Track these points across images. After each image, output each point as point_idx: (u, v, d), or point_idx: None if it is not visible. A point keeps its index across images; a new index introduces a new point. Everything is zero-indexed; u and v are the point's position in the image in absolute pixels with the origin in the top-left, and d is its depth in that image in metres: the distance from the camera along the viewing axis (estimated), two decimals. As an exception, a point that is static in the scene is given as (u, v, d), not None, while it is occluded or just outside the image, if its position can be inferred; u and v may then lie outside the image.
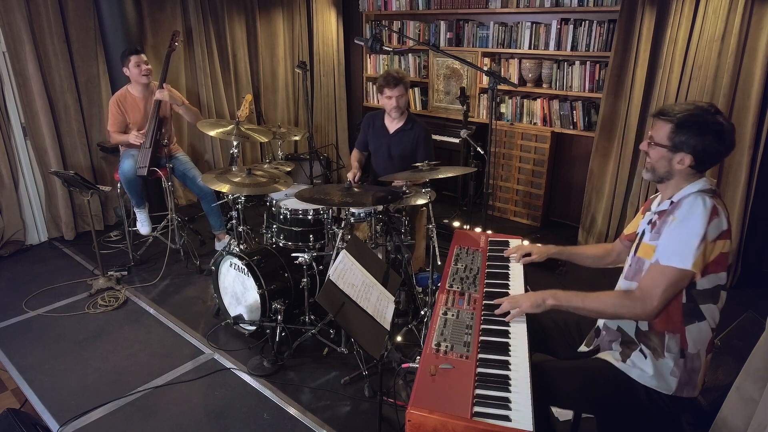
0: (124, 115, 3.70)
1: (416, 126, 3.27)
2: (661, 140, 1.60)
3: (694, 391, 1.62)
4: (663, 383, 1.61)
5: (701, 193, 1.54)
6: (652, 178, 1.67)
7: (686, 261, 1.49)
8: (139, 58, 3.64)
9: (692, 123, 1.54)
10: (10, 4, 3.72)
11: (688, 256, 1.48)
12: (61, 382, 2.65)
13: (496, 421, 1.31)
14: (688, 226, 1.50)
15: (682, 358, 1.59)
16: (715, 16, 3.25)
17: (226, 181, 2.91)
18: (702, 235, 1.48)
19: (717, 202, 1.52)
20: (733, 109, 3.34)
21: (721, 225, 1.50)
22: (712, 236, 1.49)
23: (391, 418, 2.37)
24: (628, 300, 1.57)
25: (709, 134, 1.53)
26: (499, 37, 4.55)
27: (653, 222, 1.66)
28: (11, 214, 4.00)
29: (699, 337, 1.58)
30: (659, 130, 1.61)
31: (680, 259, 1.50)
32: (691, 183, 1.60)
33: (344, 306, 1.80)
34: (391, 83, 3.14)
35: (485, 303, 1.83)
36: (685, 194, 1.58)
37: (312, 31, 5.62)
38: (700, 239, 1.48)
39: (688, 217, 1.51)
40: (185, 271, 3.78)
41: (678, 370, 1.59)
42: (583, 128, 4.27)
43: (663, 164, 1.62)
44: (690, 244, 1.49)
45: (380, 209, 2.88)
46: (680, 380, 1.60)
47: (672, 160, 1.59)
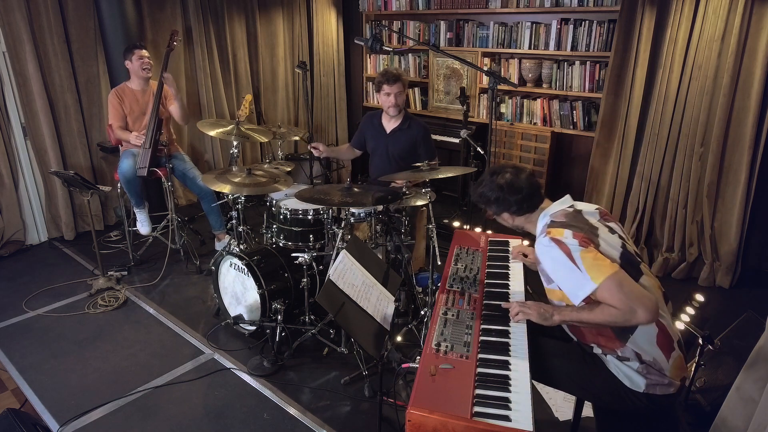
0: (122, 107, 3.72)
1: (414, 125, 3.27)
2: (489, 215, 1.90)
3: (669, 389, 1.62)
4: (631, 382, 1.64)
5: (539, 237, 1.70)
6: (518, 230, 1.92)
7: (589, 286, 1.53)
8: (142, 53, 3.69)
9: (480, 198, 1.84)
10: (10, 4, 3.72)
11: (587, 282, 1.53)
12: (61, 382, 2.65)
13: (496, 421, 1.31)
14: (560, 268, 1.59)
15: (642, 364, 1.61)
16: (715, 16, 3.25)
17: (226, 181, 2.91)
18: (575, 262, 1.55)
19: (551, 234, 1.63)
20: (733, 109, 3.34)
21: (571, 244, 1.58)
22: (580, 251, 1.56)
23: (391, 418, 2.37)
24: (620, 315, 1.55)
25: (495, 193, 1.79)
26: (499, 37, 4.54)
27: None
28: (11, 214, 4.00)
29: (644, 341, 1.60)
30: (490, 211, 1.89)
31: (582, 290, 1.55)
32: (536, 221, 1.80)
33: (344, 306, 1.80)
34: (390, 80, 3.14)
35: (485, 303, 1.83)
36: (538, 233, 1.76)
37: (312, 31, 5.62)
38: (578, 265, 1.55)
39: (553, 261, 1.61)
40: (185, 271, 3.78)
41: (643, 371, 1.61)
42: (583, 128, 4.27)
43: (504, 223, 1.90)
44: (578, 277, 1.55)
45: (380, 209, 2.88)
46: (648, 381, 1.61)
47: (505, 220, 1.86)
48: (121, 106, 3.72)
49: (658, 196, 3.75)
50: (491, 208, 1.84)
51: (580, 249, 1.56)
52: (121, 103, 3.72)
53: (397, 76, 3.14)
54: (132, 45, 3.73)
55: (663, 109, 3.58)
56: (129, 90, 3.76)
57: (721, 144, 3.41)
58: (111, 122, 3.75)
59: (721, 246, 3.54)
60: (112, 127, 3.76)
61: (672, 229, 3.71)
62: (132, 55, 3.67)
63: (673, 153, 3.62)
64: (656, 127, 3.63)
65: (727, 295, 3.47)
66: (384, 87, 3.16)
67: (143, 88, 3.79)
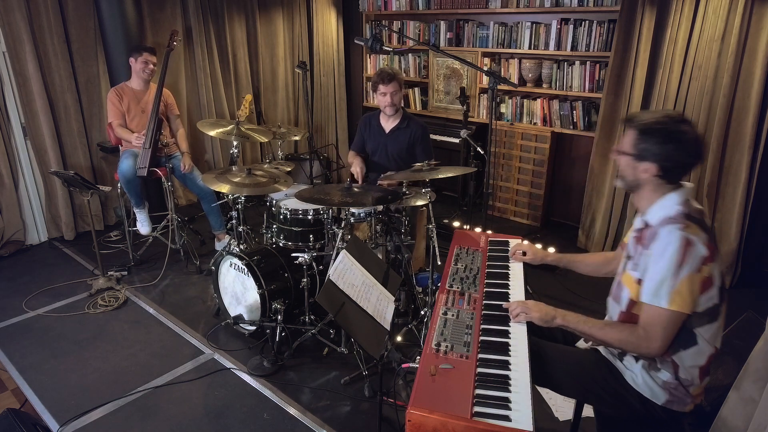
0: (121, 105, 3.73)
1: (412, 124, 3.27)
2: (627, 148, 1.59)
3: (684, 407, 1.61)
4: (651, 392, 1.60)
5: (672, 222, 1.49)
6: (623, 186, 1.66)
7: (662, 301, 1.46)
8: (151, 57, 3.72)
9: (655, 131, 1.52)
10: (10, 4, 3.72)
11: (663, 296, 1.46)
12: (61, 382, 2.65)
13: (496, 421, 1.31)
14: (663, 266, 1.46)
15: (676, 380, 1.58)
16: (715, 16, 3.25)
17: (226, 181, 2.91)
18: (678, 274, 1.45)
19: (689, 229, 1.47)
20: (733, 109, 3.34)
21: (698, 253, 1.45)
22: (691, 269, 1.45)
23: (391, 418, 2.36)
24: (634, 338, 1.54)
25: (671, 143, 1.50)
26: (499, 37, 4.55)
27: (634, 244, 1.64)
28: (11, 214, 4.00)
29: (691, 362, 1.56)
30: (625, 138, 1.60)
31: (657, 298, 1.48)
32: (663, 196, 1.57)
33: (344, 306, 1.80)
34: (385, 79, 3.14)
35: (485, 303, 1.83)
36: (658, 217, 1.55)
37: (312, 31, 5.62)
38: (676, 278, 1.45)
39: (663, 255, 1.47)
40: (185, 271, 3.78)
41: (669, 387, 1.59)
42: (583, 128, 4.27)
43: (630, 172, 1.61)
44: (665, 283, 1.46)
45: (380, 209, 2.88)
46: (669, 397, 1.59)
47: (637, 169, 1.57)
48: (119, 104, 3.73)
49: (658, 196, 3.75)
50: (644, 144, 1.53)
51: (693, 269, 1.44)
52: (120, 100, 3.73)
53: (393, 75, 3.14)
54: (142, 46, 3.76)
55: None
56: (128, 89, 3.77)
57: (721, 144, 3.41)
58: (110, 120, 3.76)
59: (721, 246, 3.54)
60: (112, 125, 3.76)
61: (672, 229, 3.70)
62: (139, 56, 3.69)
63: (673, 153, 3.61)
64: (656, 127, 3.63)
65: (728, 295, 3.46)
66: (380, 87, 3.16)
67: (143, 88, 3.79)
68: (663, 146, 1.51)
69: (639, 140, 1.55)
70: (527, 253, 2.09)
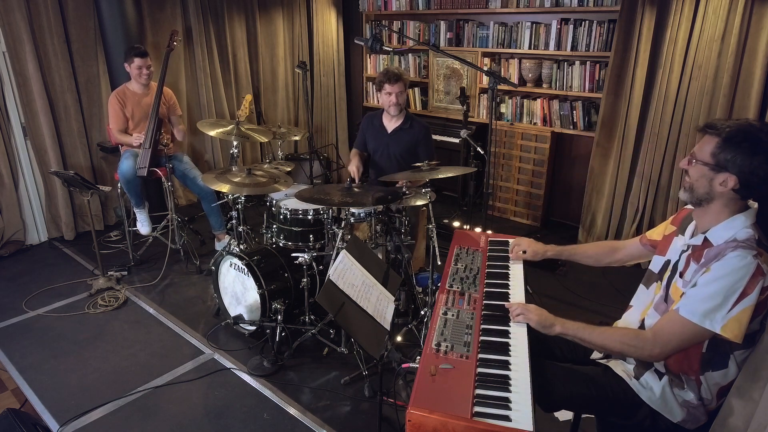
0: (124, 110, 3.71)
1: (415, 124, 3.27)
2: (704, 157, 1.44)
3: (697, 424, 1.58)
4: (668, 410, 1.57)
5: (744, 247, 1.37)
6: (690, 199, 1.51)
7: (714, 324, 1.37)
8: (143, 62, 3.66)
9: (742, 140, 1.37)
10: (10, 4, 3.72)
11: (718, 319, 1.37)
12: (61, 382, 2.65)
13: (496, 421, 1.31)
14: (725, 289, 1.35)
15: (699, 400, 1.54)
16: (715, 16, 3.25)
17: (226, 181, 2.91)
18: (741, 302, 1.35)
19: (762, 257, 1.36)
20: (733, 109, 3.34)
21: (762, 284, 1.35)
22: (755, 299, 1.35)
23: (391, 418, 2.36)
24: (638, 341, 1.50)
25: (760, 155, 1.36)
26: (499, 37, 4.54)
27: (687, 260, 1.54)
28: (11, 214, 4.00)
29: (714, 384, 1.52)
30: (703, 146, 1.45)
31: (707, 320, 1.38)
32: (731, 215, 1.45)
33: (344, 306, 1.80)
34: (391, 79, 3.15)
35: (485, 303, 1.83)
36: (724, 237, 1.44)
37: (312, 31, 5.62)
38: (738, 305, 1.35)
39: (726, 278, 1.36)
40: (185, 271, 3.78)
41: (689, 406, 1.55)
42: (583, 128, 4.27)
43: (703, 184, 1.45)
44: (723, 307, 1.36)
45: (380, 209, 2.88)
46: (686, 416, 1.56)
47: (714, 181, 1.43)
48: (122, 111, 3.71)
49: (658, 196, 3.75)
50: (727, 154, 1.39)
51: (756, 299, 1.35)
52: (123, 107, 3.71)
53: (399, 76, 3.15)
54: (134, 51, 3.67)
55: (663, 109, 3.59)
56: (130, 92, 3.76)
57: (721, 144, 3.40)
58: (111, 126, 3.76)
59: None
60: (111, 132, 3.77)
61: (672, 229, 3.70)
62: (131, 62, 3.66)
63: (673, 153, 3.62)
64: (656, 127, 3.63)
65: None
66: (386, 86, 3.16)
67: (144, 91, 3.79)
68: (750, 158, 1.36)
69: (722, 149, 1.40)
70: (527, 251, 2.05)
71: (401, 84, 3.16)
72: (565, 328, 1.63)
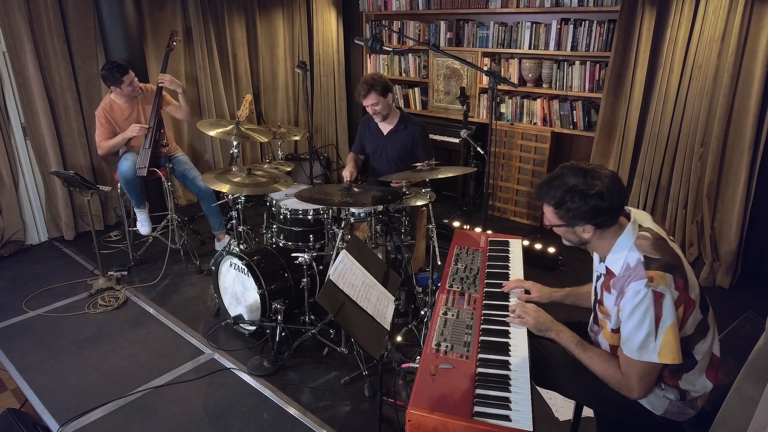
0: (113, 124, 3.65)
1: (410, 125, 3.26)
2: (555, 221, 1.57)
3: (684, 417, 1.60)
4: (649, 403, 1.59)
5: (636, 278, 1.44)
6: (574, 245, 1.64)
7: (652, 355, 1.44)
8: (129, 77, 3.55)
9: (571, 197, 1.49)
10: (10, 4, 3.72)
11: (651, 350, 1.44)
12: (61, 382, 2.65)
13: (496, 420, 1.31)
14: (641, 325, 1.43)
15: (681, 400, 1.57)
16: (715, 16, 3.25)
17: (226, 181, 2.91)
18: (660, 328, 1.42)
19: (654, 281, 1.42)
20: (733, 109, 3.34)
21: (670, 301, 1.42)
22: (672, 319, 1.42)
23: (391, 418, 2.37)
24: (616, 380, 1.54)
25: (593, 199, 1.47)
26: (499, 37, 4.55)
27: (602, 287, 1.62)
28: (11, 214, 4.00)
29: (698, 376, 1.55)
30: (547, 212, 1.58)
31: (645, 353, 1.45)
32: (613, 239, 1.55)
33: (344, 306, 1.80)
34: (361, 94, 3.10)
35: (485, 303, 1.83)
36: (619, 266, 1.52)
37: (312, 31, 5.62)
38: (659, 332, 1.42)
39: (635, 314, 1.44)
40: (185, 271, 3.78)
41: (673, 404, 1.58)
42: (583, 128, 4.27)
43: (572, 237, 1.60)
44: (649, 337, 1.43)
45: (380, 209, 2.88)
46: (669, 409, 1.58)
47: (576, 232, 1.56)
48: (110, 125, 3.63)
49: (658, 196, 3.75)
50: (569, 213, 1.51)
51: (672, 318, 1.41)
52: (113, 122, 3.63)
53: (369, 88, 3.06)
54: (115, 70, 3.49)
55: (663, 109, 3.59)
56: (117, 106, 3.67)
57: (721, 144, 3.41)
58: (98, 138, 3.65)
59: (721, 246, 3.54)
60: (99, 144, 3.65)
61: (672, 229, 3.71)
62: (120, 83, 3.52)
63: (673, 153, 3.62)
64: (656, 127, 3.63)
65: (727, 295, 3.47)
66: (361, 101, 3.14)
67: (133, 104, 3.71)
68: (586, 207, 1.48)
69: (560, 213, 1.53)
70: (532, 291, 1.94)
71: (373, 96, 3.09)
72: (560, 336, 1.66)
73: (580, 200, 1.48)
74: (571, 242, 1.62)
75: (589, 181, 1.48)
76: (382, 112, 3.18)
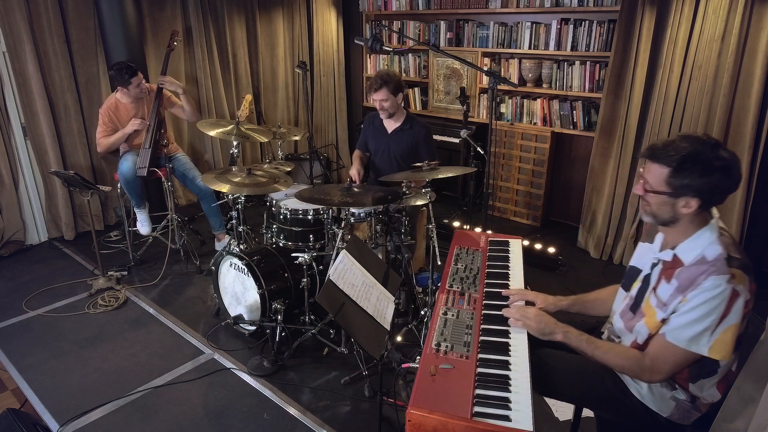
0: (116, 123, 3.66)
1: (415, 125, 3.26)
2: (660, 186, 1.45)
3: (688, 420, 1.60)
4: (656, 404, 1.58)
5: (717, 272, 1.38)
6: (655, 222, 1.54)
7: (701, 347, 1.41)
8: (138, 78, 3.57)
9: (693, 164, 1.39)
10: (10, 4, 3.72)
11: (704, 343, 1.41)
12: (61, 382, 2.65)
13: (496, 421, 1.31)
14: (704, 314, 1.39)
15: (690, 403, 1.55)
16: (715, 16, 3.25)
17: (226, 181, 2.91)
18: (722, 324, 1.38)
19: (735, 279, 1.37)
20: (733, 109, 3.34)
21: (742, 302, 1.38)
22: (737, 319, 1.39)
23: (391, 418, 2.37)
24: (638, 367, 1.52)
25: (715, 173, 1.38)
26: (499, 37, 4.54)
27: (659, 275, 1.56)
28: (11, 214, 4.00)
29: (708, 388, 1.54)
30: (655, 175, 1.46)
31: (694, 344, 1.42)
32: (696, 230, 1.47)
33: (344, 306, 1.80)
34: (373, 86, 3.13)
35: (485, 303, 1.83)
36: (693, 256, 1.46)
37: (312, 31, 5.62)
38: (720, 328, 1.39)
39: (705, 305, 1.38)
40: (185, 271, 3.78)
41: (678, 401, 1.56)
42: (583, 128, 4.27)
43: (666, 210, 1.47)
44: (707, 331, 1.40)
45: (380, 209, 2.88)
46: (674, 411, 1.57)
47: (676, 205, 1.44)
48: (113, 123, 3.63)
49: (658, 196, 3.74)
50: (683, 180, 1.39)
51: (737, 319, 1.39)
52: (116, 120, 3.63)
53: (382, 83, 3.09)
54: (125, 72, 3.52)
55: (663, 109, 3.58)
56: (121, 105, 3.68)
57: (721, 144, 3.40)
58: (99, 134, 3.65)
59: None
60: (99, 142, 3.66)
61: (672, 229, 3.70)
62: (129, 84, 3.54)
63: (673, 153, 3.61)
64: (656, 127, 3.63)
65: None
66: (371, 93, 3.16)
67: (138, 104, 3.72)
68: (706, 177, 1.38)
69: (675, 177, 1.41)
70: (537, 303, 1.84)
71: (384, 92, 3.11)
72: (568, 338, 1.62)
73: (703, 170, 1.38)
74: (657, 217, 1.50)
75: (717, 153, 1.38)
76: (388, 110, 3.20)
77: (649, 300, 1.57)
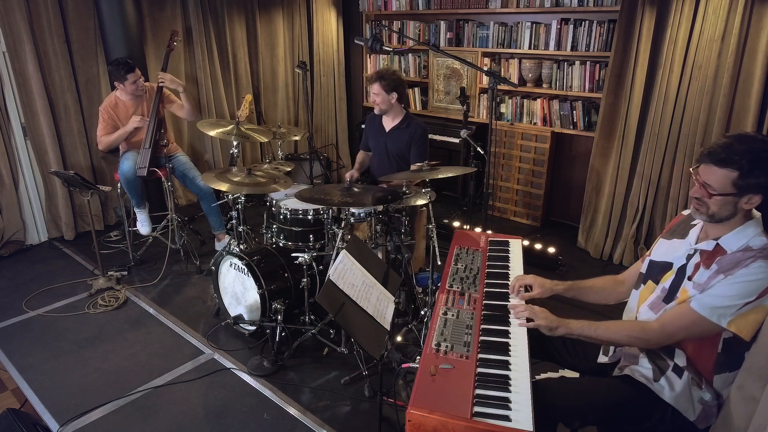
0: (116, 121, 3.66)
1: (412, 124, 3.26)
2: (725, 189, 1.45)
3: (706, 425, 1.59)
4: (685, 408, 1.57)
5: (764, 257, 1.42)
6: (711, 221, 1.54)
7: (722, 319, 1.43)
8: (135, 75, 3.57)
9: (760, 166, 1.41)
10: (10, 4, 3.72)
11: (726, 315, 1.43)
12: (61, 382, 2.65)
13: (496, 421, 1.31)
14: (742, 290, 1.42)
15: (715, 401, 1.56)
16: (715, 16, 3.25)
17: (226, 180, 2.91)
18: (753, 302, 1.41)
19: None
20: (733, 109, 3.34)
21: None
22: None
23: (391, 418, 2.37)
24: (644, 333, 1.54)
25: None
26: (499, 37, 4.55)
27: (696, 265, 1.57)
28: (11, 214, 4.00)
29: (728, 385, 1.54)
30: (719, 179, 1.46)
31: (716, 315, 1.44)
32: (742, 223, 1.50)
33: (344, 306, 1.80)
34: (371, 79, 3.18)
35: (485, 303, 1.83)
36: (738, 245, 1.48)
37: (312, 31, 5.62)
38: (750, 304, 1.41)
39: (746, 282, 1.42)
40: (185, 271, 3.78)
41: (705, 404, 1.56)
42: (583, 128, 4.27)
43: (728, 209, 1.49)
44: (734, 306, 1.42)
45: (380, 209, 2.88)
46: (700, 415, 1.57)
47: (738, 203, 1.47)
48: (113, 121, 3.63)
49: (658, 196, 3.75)
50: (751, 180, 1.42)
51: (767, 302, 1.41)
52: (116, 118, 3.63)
53: (378, 77, 3.13)
54: (122, 67, 3.52)
55: (663, 109, 3.58)
56: (121, 103, 3.68)
57: (721, 144, 3.40)
58: (99, 133, 3.65)
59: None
60: (100, 140, 3.66)
61: (672, 229, 3.70)
62: (125, 80, 3.54)
63: (673, 153, 3.62)
64: (656, 127, 3.63)
65: None
66: (369, 84, 3.20)
67: (138, 102, 3.73)
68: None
69: (744, 178, 1.43)
70: (533, 287, 1.90)
71: (377, 86, 3.14)
72: (570, 328, 1.63)
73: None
74: (714, 215, 1.51)
75: None
76: (380, 105, 3.23)
77: (685, 287, 1.58)
